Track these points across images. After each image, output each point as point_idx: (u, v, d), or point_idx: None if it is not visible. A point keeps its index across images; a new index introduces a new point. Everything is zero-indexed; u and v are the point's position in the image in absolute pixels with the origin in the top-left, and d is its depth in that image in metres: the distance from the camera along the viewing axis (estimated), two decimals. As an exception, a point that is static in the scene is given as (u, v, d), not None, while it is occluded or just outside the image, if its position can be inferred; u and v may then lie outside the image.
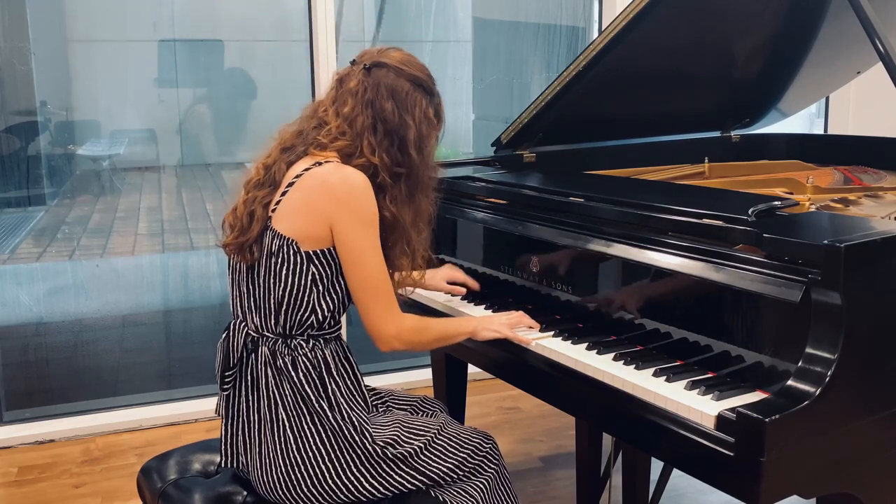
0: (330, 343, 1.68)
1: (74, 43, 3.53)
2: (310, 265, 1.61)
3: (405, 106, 1.67)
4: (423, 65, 1.74)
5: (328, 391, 1.63)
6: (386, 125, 1.66)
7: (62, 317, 3.52)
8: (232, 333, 1.69)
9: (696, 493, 2.67)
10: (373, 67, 1.68)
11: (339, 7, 3.65)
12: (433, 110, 1.73)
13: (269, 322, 1.65)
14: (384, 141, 1.66)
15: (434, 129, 1.74)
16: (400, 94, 1.67)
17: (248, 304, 1.67)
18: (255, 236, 1.63)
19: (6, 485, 2.88)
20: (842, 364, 1.31)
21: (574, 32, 4.23)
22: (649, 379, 1.52)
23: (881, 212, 1.92)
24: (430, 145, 1.73)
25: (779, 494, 1.31)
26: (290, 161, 1.66)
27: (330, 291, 1.64)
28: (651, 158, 2.61)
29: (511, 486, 1.78)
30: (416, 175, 1.70)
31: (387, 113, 1.66)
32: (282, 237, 1.60)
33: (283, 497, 1.63)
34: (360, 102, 1.66)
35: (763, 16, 2.41)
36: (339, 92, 1.69)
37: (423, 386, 3.47)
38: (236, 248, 1.65)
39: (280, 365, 1.63)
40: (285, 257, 1.60)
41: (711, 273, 1.53)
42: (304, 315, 1.63)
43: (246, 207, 1.66)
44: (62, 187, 3.56)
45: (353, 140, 1.65)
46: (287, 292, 1.62)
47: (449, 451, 1.70)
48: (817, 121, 4.64)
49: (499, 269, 2.06)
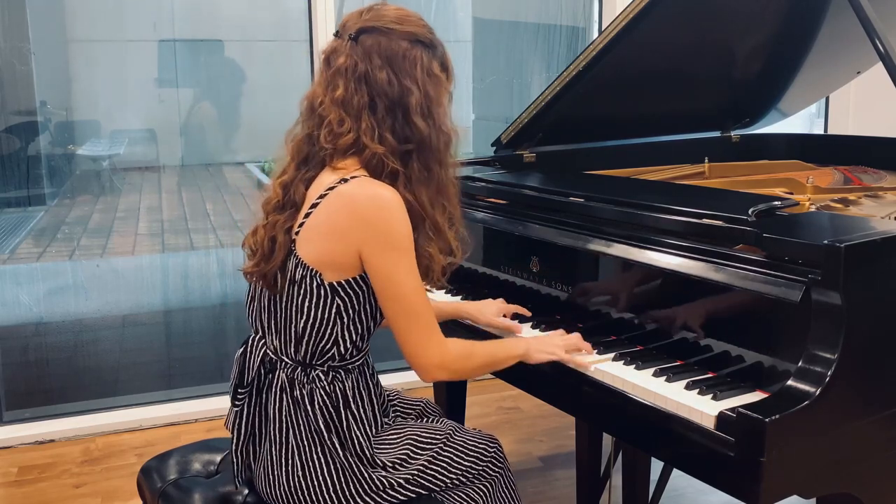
0: (352, 374, 1.58)
1: (74, 43, 3.53)
2: (334, 297, 1.50)
3: (402, 70, 1.49)
4: (419, 15, 1.54)
5: (343, 426, 1.55)
6: (385, 99, 1.49)
7: (62, 317, 3.52)
8: (249, 350, 1.61)
9: (696, 493, 2.67)
10: (360, 34, 1.50)
11: (339, 7, 3.65)
12: (438, 63, 1.54)
13: (288, 349, 1.55)
14: (386, 118, 1.50)
15: (441, 85, 1.54)
16: (395, 58, 1.48)
17: (269, 324, 1.58)
18: (279, 264, 1.51)
19: (6, 485, 2.88)
20: (842, 364, 1.31)
21: (574, 32, 4.23)
22: (649, 379, 1.52)
23: (881, 212, 1.92)
24: (439, 106, 1.54)
25: (779, 494, 1.31)
26: (307, 178, 1.54)
27: (355, 322, 1.54)
28: (651, 158, 2.61)
29: (515, 488, 1.77)
30: (428, 145, 1.51)
31: (383, 84, 1.48)
32: (305, 266, 1.49)
33: None
34: (352, 80, 1.49)
35: (763, 16, 2.41)
36: (330, 76, 1.52)
37: (422, 386, 3.47)
38: (258, 277, 1.54)
39: (297, 396, 1.55)
40: (308, 289, 1.49)
41: (711, 273, 1.53)
42: (326, 347, 1.54)
43: (266, 233, 1.53)
44: (62, 187, 3.56)
45: (354, 129, 1.49)
46: (309, 324, 1.51)
47: (455, 461, 1.65)
48: (817, 121, 4.64)
49: (499, 269, 2.06)
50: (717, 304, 1.53)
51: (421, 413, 1.87)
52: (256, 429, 1.64)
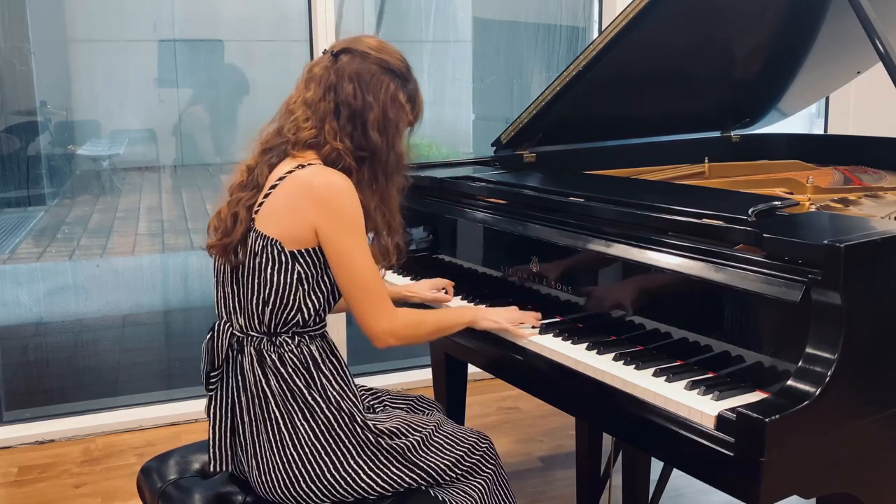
0: (315, 339, 1.68)
1: (74, 43, 3.53)
2: (294, 264, 1.61)
3: (368, 87, 1.65)
4: (398, 52, 1.72)
5: (318, 384, 1.63)
6: (348, 108, 1.65)
7: (62, 317, 3.52)
8: (217, 334, 1.68)
9: (696, 493, 2.67)
10: (340, 54, 1.68)
11: (339, 7, 3.65)
12: (405, 95, 1.70)
13: (253, 322, 1.64)
14: (347, 125, 1.65)
15: (404, 113, 1.71)
16: (364, 76, 1.65)
17: (233, 305, 1.68)
18: (239, 238, 1.63)
19: (6, 485, 2.88)
20: (842, 364, 1.31)
21: (574, 32, 4.23)
22: (649, 379, 1.52)
23: (881, 212, 1.92)
24: (396, 129, 1.70)
25: (779, 494, 1.31)
26: (271, 163, 1.67)
27: (315, 290, 1.64)
28: (651, 158, 2.61)
29: (509, 487, 1.79)
30: (379, 158, 1.68)
31: (347, 95, 1.65)
32: (265, 237, 1.60)
33: (282, 496, 1.63)
34: (322, 87, 1.66)
35: (763, 16, 2.41)
36: (307, 80, 1.70)
37: (422, 386, 3.47)
38: (220, 250, 1.66)
39: (268, 362, 1.62)
40: (269, 256, 1.60)
41: (711, 273, 1.53)
42: (290, 314, 1.63)
43: (230, 209, 1.66)
44: (62, 187, 3.56)
45: (317, 127, 1.65)
46: (273, 291, 1.61)
47: (445, 448, 1.71)
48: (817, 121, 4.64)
49: (499, 269, 2.06)
50: (717, 305, 1.53)
51: (412, 409, 1.89)
52: (235, 412, 1.67)
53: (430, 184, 2.30)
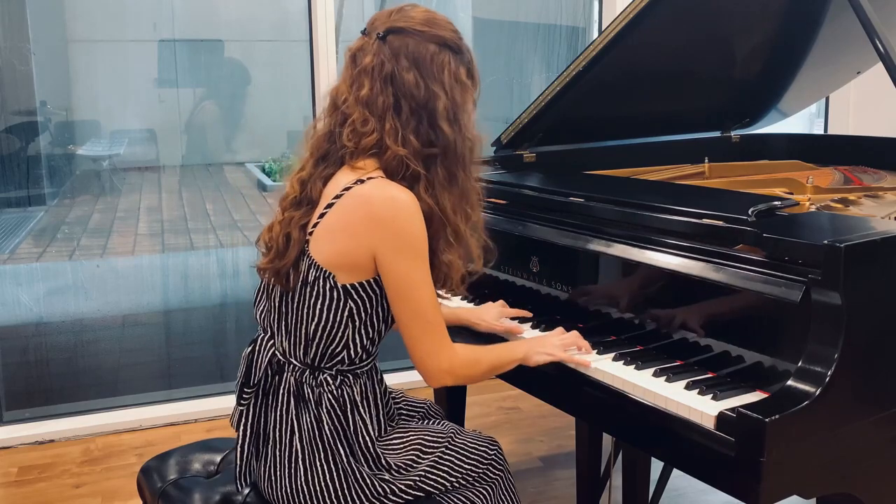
0: (360, 378, 1.57)
1: (74, 43, 3.53)
2: (347, 300, 1.49)
3: (431, 73, 1.47)
4: (447, 20, 1.52)
5: (349, 430, 1.54)
6: (411, 101, 1.47)
7: (62, 317, 3.51)
8: (258, 349, 1.59)
9: (696, 493, 2.67)
10: (388, 34, 1.48)
11: (339, 7, 3.64)
12: (465, 70, 1.52)
13: (298, 351, 1.54)
14: (411, 120, 1.48)
15: (468, 92, 1.53)
16: (423, 60, 1.47)
17: (280, 325, 1.56)
18: (292, 262, 1.50)
19: (6, 485, 2.88)
20: (842, 364, 1.31)
21: (574, 32, 4.23)
22: (649, 379, 1.52)
23: (881, 212, 1.92)
24: (465, 113, 1.52)
25: (779, 494, 1.31)
26: (325, 176, 1.52)
27: (367, 325, 1.53)
28: (651, 158, 2.61)
29: (515, 490, 1.77)
30: (453, 151, 1.50)
31: (409, 86, 1.46)
32: (318, 268, 1.48)
33: None
34: (377, 80, 1.47)
35: (763, 16, 2.41)
36: (355, 74, 1.50)
37: (423, 386, 3.47)
38: (272, 273, 1.53)
39: (305, 399, 1.54)
40: (321, 290, 1.48)
41: (711, 273, 1.53)
42: (337, 349, 1.53)
43: (282, 229, 1.52)
44: (62, 187, 3.56)
45: (377, 130, 1.47)
46: (320, 327, 1.50)
47: (457, 464, 1.65)
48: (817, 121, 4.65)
49: (499, 269, 2.06)
50: (717, 304, 1.53)
51: (425, 415, 1.87)
52: (261, 429, 1.63)
53: (430, 184, 2.30)
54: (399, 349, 1.55)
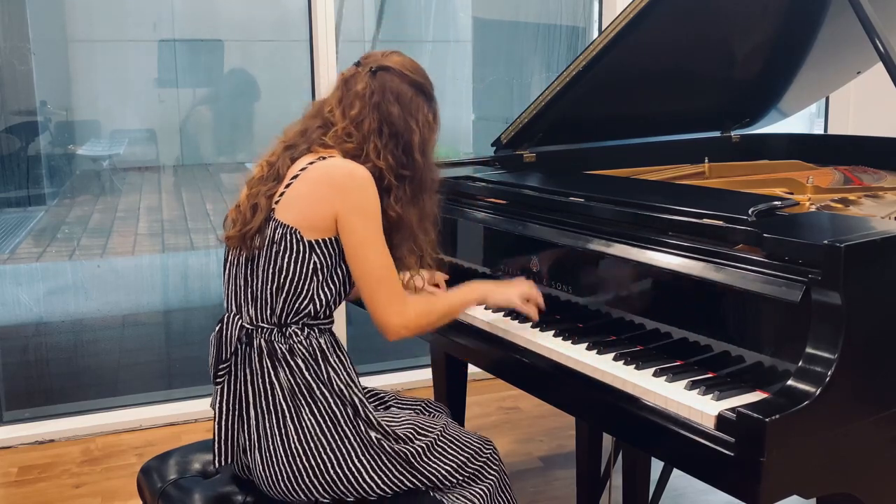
0: (324, 333, 1.69)
1: (74, 43, 3.53)
2: (311, 254, 1.63)
3: (409, 110, 1.71)
4: (424, 70, 1.78)
5: (325, 377, 1.64)
6: (392, 128, 1.70)
7: (62, 317, 3.52)
8: (225, 326, 1.69)
9: (696, 493, 2.67)
10: (379, 71, 1.71)
11: (339, 7, 3.64)
12: (433, 115, 1.77)
13: (264, 313, 1.65)
14: (389, 143, 1.69)
15: (434, 132, 1.78)
16: (405, 98, 1.71)
17: (245, 296, 1.68)
18: (258, 226, 1.65)
19: (6, 485, 2.88)
20: (842, 364, 1.31)
21: (574, 32, 4.23)
22: (649, 379, 1.52)
23: (881, 212, 1.92)
24: (431, 148, 1.77)
25: (779, 494, 1.31)
26: (293, 157, 1.69)
27: (329, 281, 1.66)
28: (651, 158, 2.61)
29: (511, 493, 1.79)
30: (421, 177, 1.73)
31: (394, 117, 1.69)
32: (285, 226, 1.62)
33: (284, 490, 1.64)
34: (367, 105, 1.69)
35: (763, 16, 2.41)
36: (346, 93, 1.72)
37: (422, 386, 3.47)
38: (238, 240, 1.67)
39: (277, 354, 1.63)
40: (287, 245, 1.62)
41: (711, 273, 1.53)
42: (303, 304, 1.65)
43: (249, 201, 1.68)
44: (62, 187, 3.56)
45: (360, 143, 1.69)
46: (288, 280, 1.63)
47: (450, 453, 1.71)
48: (817, 121, 4.65)
49: (499, 269, 2.06)
50: (718, 304, 1.53)
51: (421, 411, 1.90)
52: (242, 406, 1.67)
53: (430, 184, 2.30)
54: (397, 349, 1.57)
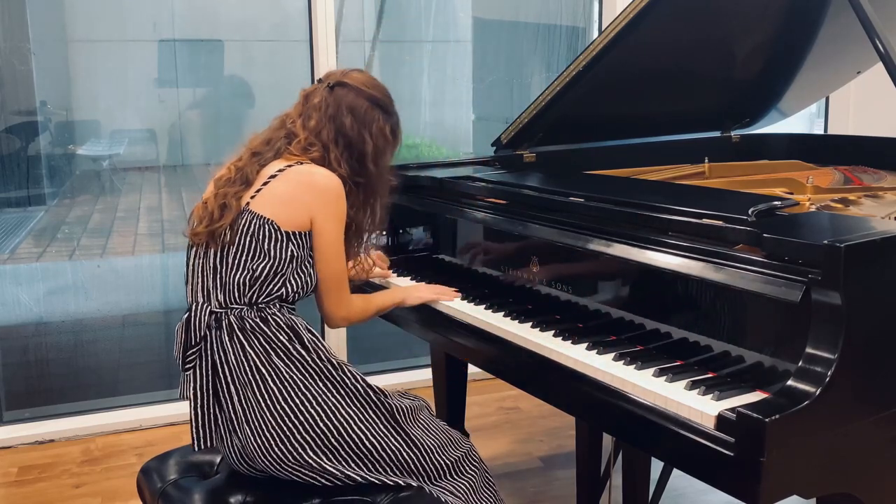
0: (294, 313, 1.77)
1: (74, 43, 3.53)
2: (288, 242, 1.73)
3: (363, 122, 1.83)
4: (384, 87, 1.90)
5: (301, 339, 1.70)
6: (346, 139, 1.82)
7: (62, 317, 3.52)
8: (193, 315, 1.72)
9: (696, 493, 2.67)
10: (335, 86, 1.84)
11: (339, 7, 3.65)
12: (389, 128, 1.88)
13: (233, 295, 1.71)
14: (345, 153, 1.82)
15: (390, 145, 1.89)
16: (359, 111, 1.83)
17: (214, 284, 1.73)
18: (229, 222, 1.73)
19: (6, 485, 2.88)
20: (842, 364, 1.31)
21: (574, 32, 4.23)
22: (650, 379, 1.52)
23: (881, 212, 1.92)
24: (385, 159, 1.89)
25: (779, 494, 1.31)
26: (261, 163, 1.80)
27: (299, 271, 1.75)
28: (651, 158, 2.61)
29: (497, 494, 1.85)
30: (373, 185, 1.87)
31: (347, 128, 1.82)
32: (262, 217, 1.72)
33: (280, 456, 1.65)
34: (323, 117, 1.82)
35: (763, 16, 2.41)
36: (305, 107, 1.85)
37: (423, 386, 3.47)
38: (206, 235, 1.74)
39: (248, 325, 1.69)
40: (266, 233, 1.72)
41: (711, 273, 1.53)
42: (276, 286, 1.72)
43: (217, 200, 1.76)
44: (62, 187, 3.56)
45: (322, 152, 1.81)
46: (267, 263, 1.71)
47: (431, 429, 1.79)
48: (817, 121, 4.65)
49: (499, 269, 2.06)
50: (717, 304, 1.53)
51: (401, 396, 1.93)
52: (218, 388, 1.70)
53: (430, 184, 2.30)
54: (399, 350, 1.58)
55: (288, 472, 1.67)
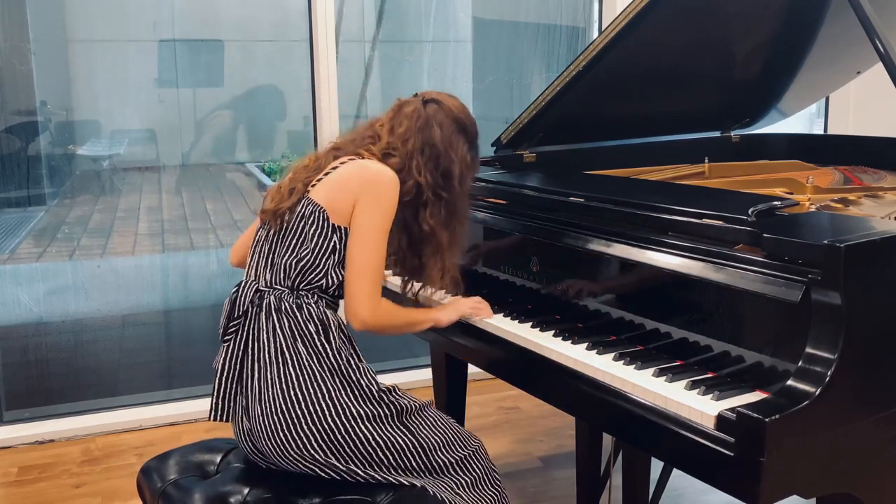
0: (331, 307, 1.79)
1: (74, 43, 3.53)
2: (332, 235, 1.76)
3: (449, 142, 1.86)
4: (473, 118, 1.93)
5: (326, 334, 1.72)
6: (433, 150, 1.84)
7: (62, 317, 3.52)
8: (241, 289, 1.78)
9: (696, 493, 2.67)
10: (429, 102, 1.89)
11: (339, 7, 3.64)
12: (470, 157, 1.90)
13: (279, 275, 1.77)
14: (429, 163, 1.84)
15: (471, 171, 1.92)
16: (447, 130, 1.86)
17: (265, 264, 1.80)
18: (290, 206, 1.78)
19: (6, 485, 2.88)
20: (842, 364, 1.31)
21: (574, 32, 4.23)
22: (650, 379, 1.52)
23: (881, 212, 1.92)
24: (467, 184, 1.91)
25: (779, 494, 1.31)
26: (336, 156, 1.85)
27: (341, 267, 1.77)
28: (651, 158, 2.61)
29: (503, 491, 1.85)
30: (455, 203, 1.87)
31: (435, 140, 1.85)
32: (315, 204, 1.76)
33: (282, 442, 1.66)
34: (413, 126, 1.86)
35: (763, 16, 2.41)
36: (397, 114, 1.89)
37: (423, 386, 3.47)
38: (271, 214, 1.81)
39: (284, 308, 1.72)
40: (315, 220, 1.75)
41: (711, 273, 1.53)
42: (317, 276, 1.76)
43: (290, 184, 1.83)
44: (62, 187, 3.56)
45: (404, 159, 1.83)
46: (309, 250, 1.75)
47: (438, 426, 1.79)
48: (817, 121, 4.65)
49: (499, 269, 2.06)
50: (717, 304, 1.53)
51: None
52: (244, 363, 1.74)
53: (430, 184, 2.30)
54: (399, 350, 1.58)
55: (288, 461, 1.68)
